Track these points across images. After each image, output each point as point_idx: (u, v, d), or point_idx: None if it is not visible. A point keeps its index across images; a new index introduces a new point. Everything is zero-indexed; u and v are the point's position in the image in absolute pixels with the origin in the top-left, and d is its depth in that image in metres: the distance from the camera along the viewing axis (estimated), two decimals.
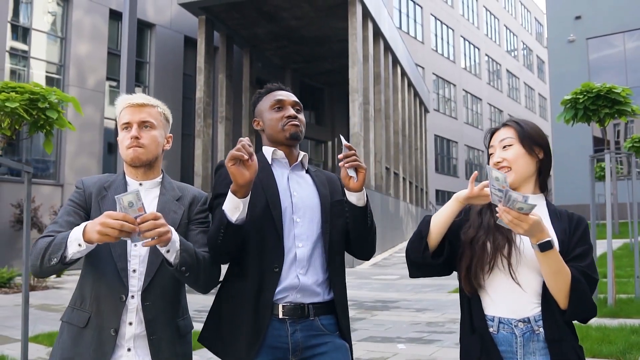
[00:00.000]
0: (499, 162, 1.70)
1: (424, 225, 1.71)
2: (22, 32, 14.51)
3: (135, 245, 1.70)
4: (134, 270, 1.73)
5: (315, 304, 1.80)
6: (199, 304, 8.15)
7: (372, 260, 15.59)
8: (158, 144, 1.84)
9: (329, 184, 1.97)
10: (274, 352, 1.75)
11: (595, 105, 5.86)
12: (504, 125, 1.76)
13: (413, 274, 1.77)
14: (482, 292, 1.67)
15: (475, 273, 1.65)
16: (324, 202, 1.89)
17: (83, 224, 1.59)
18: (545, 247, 1.49)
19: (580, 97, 5.90)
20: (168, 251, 1.58)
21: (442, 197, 31.41)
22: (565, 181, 21.97)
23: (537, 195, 1.71)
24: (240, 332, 1.76)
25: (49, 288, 10.43)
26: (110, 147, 16.01)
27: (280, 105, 1.95)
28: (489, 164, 1.73)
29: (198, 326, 1.93)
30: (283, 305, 1.76)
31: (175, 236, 1.59)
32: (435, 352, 4.84)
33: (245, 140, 1.63)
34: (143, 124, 1.81)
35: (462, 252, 1.69)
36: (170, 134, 1.94)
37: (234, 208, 1.67)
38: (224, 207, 1.68)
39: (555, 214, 1.69)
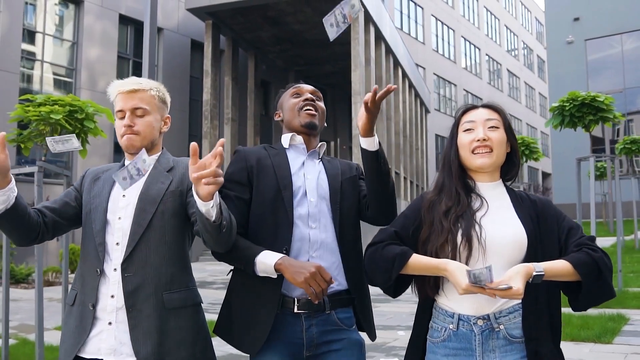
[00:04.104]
0: (484, 139, 1.59)
1: (398, 263, 1.56)
2: (35, 37, 15.00)
3: (120, 218, 1.73)
4: (117, 243, 1.71)
5: (331, 296, 1.75)
6: (209, 298, 8.63)
7: None
8: (153, 128, 1.82)
9: (342, 166, 1.95)
10: (289, 346, 1.72)
11: (580, 113, 6.32)
12: (488, 106, 1.66)
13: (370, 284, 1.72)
14: (441, 290, 1.61)
15: (434, 280, 1.59)
16: (333, 183, 1.86)
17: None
18: (538, 279, 1.44)
19: (567, 104, 6.36)
20: (212, 206, 1.49)
21: None
22: (564, 180, 22.38)
23: (496, 182, 1.66)
24: (251, 323, 1.73)
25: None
26: (119, 147, 16.50)
27: (298, 92, 1.96)
28: (455, 137, 1.66)
29: (211, 317, 1.96)
30: (298, 299, 1.71)
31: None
32: None
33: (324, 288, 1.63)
34: (135, 111, 1.79)
35: (417, 251, 1.60)
36: (168, 115, 1.92)
37: (266, 273, 1.68)
38: (257, 262, 1.67)
39: (517, 200, 1.63)
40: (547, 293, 1.54)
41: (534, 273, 1.42)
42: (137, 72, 16.42)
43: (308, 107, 1.91)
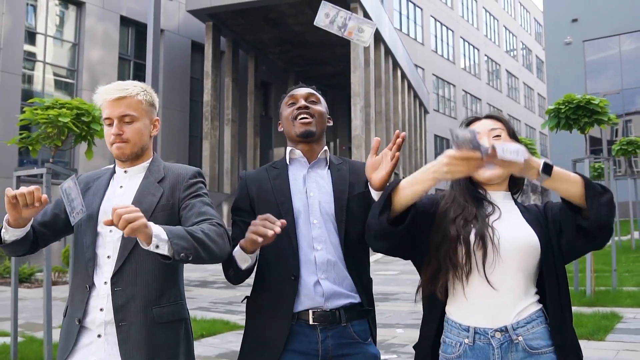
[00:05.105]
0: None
1: (392, 184, 1.52)
2: (37, 39, 15.11)
3: (111, 231, 1.70)
4: (108, 257, 1.70)
5: (346, 308, 1.73)
6: (210, 297, 8.75)
7: (374, 257, 16.20)
8: (142, 134, 1.78)
9: (352, 175, 1.86)
10: (303, 357, 1.71)
11: (575, 115, 6.44)
12: (490, 117, 1.66)
13: (371, 244, 1.59)
14: (453, 300, 1.56)
15: (445, 282, 1.53)
16: (339, 199, 1.80)
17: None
18: (548, 169, 1.38)
19: (562, 107, 6.48)
20: (157, 246, 1.47)
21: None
22: None
23: (505, 193, 1.64)
24: (265, 345, 1.73)
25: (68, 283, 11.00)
26: None
27: (293, 100, 1.90)
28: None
29: (213, 315, 1.90)
30: (313, 312, 1.71)
31: (156, 228, 1.48)
32: None
33: (277, 229, 1.57)
34: (123, 118, 1.75)
35: (428, 257, 1.56)
36: (157, 118, 1.87)
37: (243, 260, 1.67)
38: (234, 254, 1.67)
39: (524, 208, 1.62)
40: (561, 300, 1.52)
41: (544, 161, 1.37)
42: (138, 73, 16.54)
43: (302, 116, 1.84)
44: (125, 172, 1.81)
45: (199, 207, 1.71)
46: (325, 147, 1.91)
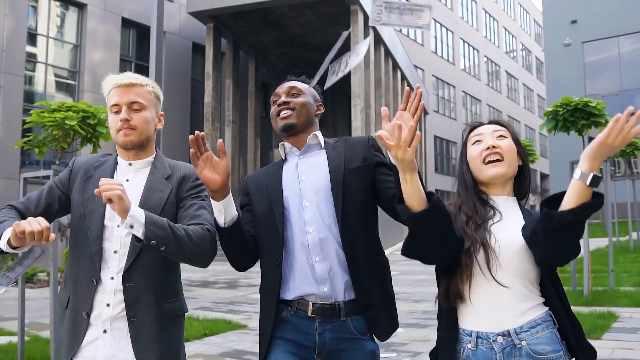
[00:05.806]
0: (494, 147, 1.59)
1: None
2: (39, 40, 15.19)
3: (119, 225, 1.68)
4: (115, 252, 1.68)
5: (347, 302, 1.71)
6: (212, 297, 8.82)
7: None
8: (149, 124, 1.77)
9: (349, 151, 1.84)
10: (299, 348, 1.71)
11: (573, 117, 6.51)
12: (494, 122, 1.68)
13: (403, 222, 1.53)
14: (460, 306, 1.56)
15: (456, 286, 1.54)
16: (335, 175, 1.77)
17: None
18: (597, 181, 1.35)
19: (560, 109, 6.56)
20: (132, 226, 1.50)
21: (442, 196, 31.61)
22: (561, 182, 22.48)
23: (510, 197, 1.64)
24: (260, 335, 1.77)
25: None
26: None
27: (275, 98, 1.92)
28: (465, 153, 1.66)
29: (215, 315, 1.92)
30: (313, 304, 1.70)
31: (136, 210, 1.52)
32: (428, 334, 5.52)
33: (199, 133, 1.62)
34: (132, 105, 1.74)
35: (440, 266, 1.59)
36: (162, 112, 1.88)
37: (218, 212, 1.68)
38: (217, 218, 1.69)
39: (527, 213, 1.63)
40: (562, 300, 1.54)
41: (596, 175, 1.35)
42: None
43: (282, 112, 1.86)
44: (130, 164, 1.80)
45: (195, 210, 1.72)
46: (315, 132, 1.88)
